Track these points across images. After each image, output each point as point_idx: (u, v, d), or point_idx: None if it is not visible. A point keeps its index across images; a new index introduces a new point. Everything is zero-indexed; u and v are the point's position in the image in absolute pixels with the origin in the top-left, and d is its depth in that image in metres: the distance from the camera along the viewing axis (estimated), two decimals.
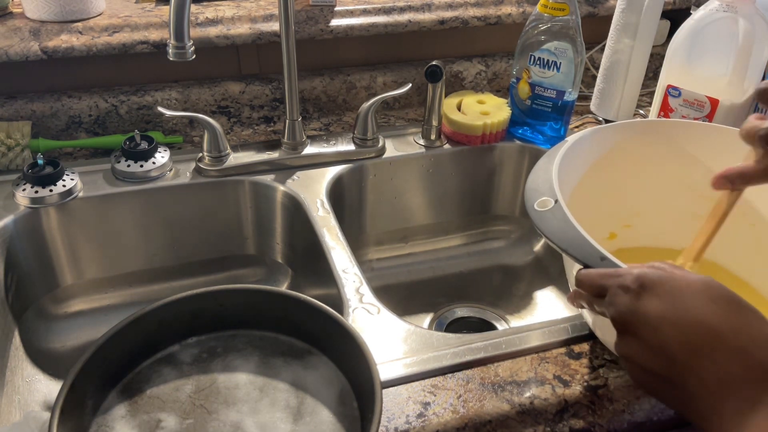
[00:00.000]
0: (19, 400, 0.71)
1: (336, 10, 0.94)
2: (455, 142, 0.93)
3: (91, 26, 0.85)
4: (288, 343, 0.59)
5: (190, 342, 0.59)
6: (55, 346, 0.80)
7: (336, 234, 0.75)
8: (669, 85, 0.81)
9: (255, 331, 0.60)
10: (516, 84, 0.93)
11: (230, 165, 0.84)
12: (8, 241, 0.75)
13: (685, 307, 0.40)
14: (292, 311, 0.58)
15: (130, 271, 0.86)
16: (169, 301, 0.56)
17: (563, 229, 0.53)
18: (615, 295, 0.44)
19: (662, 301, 0.41)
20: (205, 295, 0.58)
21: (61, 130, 0.88)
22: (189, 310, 0.58)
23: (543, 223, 0.54)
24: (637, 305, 0.42)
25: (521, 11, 1.02)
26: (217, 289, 0.59)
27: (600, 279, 0.46)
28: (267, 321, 0.59)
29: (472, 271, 0.98)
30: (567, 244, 0.51)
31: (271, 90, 0.95)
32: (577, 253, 0.51)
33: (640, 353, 0.42)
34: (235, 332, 0.60)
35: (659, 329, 0.40)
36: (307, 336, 0.59)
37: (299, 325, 0.58)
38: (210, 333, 0.60)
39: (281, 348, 0.59)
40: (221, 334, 0.60)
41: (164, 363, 0.57)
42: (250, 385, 0.55)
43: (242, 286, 0.60)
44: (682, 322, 0.40)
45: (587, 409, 0.56)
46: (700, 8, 0.79)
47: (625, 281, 0.43)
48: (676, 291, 0.41)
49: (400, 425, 0.54)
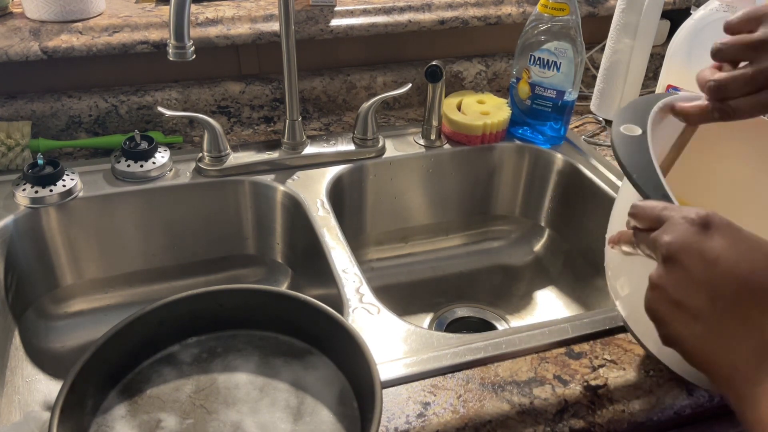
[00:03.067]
0: (19, 400, 0.71)
1: (336, 10, 0.94)
2: (455, 142, 0.93)
3: (91, 26, 0.85)
4: (288, 343, 0.59)
5: (190, 342, 0.59)
6: (55, 346, 0.80)
7: (336, 234, 0.75)
8: (669, 85, 0.81)
9: (255, 331, 0.60)
10: (516, 84, 0.93)
11: (230, 165, 0.84)
12: (8, 241, 0.75)
13: (752, 258, 0.39)
14: (292, 311, 0.58)
15: (130, 271, 0.86)
16: (169, 301, 0.56)
17: (639, 159, 0.51)
18: (675, 224, 0.42)
19: (728, 243, 0.40)
20: (205, 295, 0.58)
21: (61, 130, 0.88)
22: (189, 310, 0.58)
23: (622, 148, 0.53)
24: (700, 238, 0.40)
25: (521, 11, 1.02)
26: (216, 289, 0.59)
27: (662, 209, 0.44)
28: (267, 321, 0.59)
29: (472, 271, 0.98)
30: (638, 173, 0.50)
31: (271, 90, 0.96)
32: (644, 184, 0.49)
33: (679, 283, 0.41)
34: (235, 332, 0.60)
35: (715, 266, 0.39)
36: (307, 336, 0.59)
37: (299, 325, 0.58)
38: (210, 333, 0.60)
39: (281, 348, 0.59)
40: (221, 334, 0.60)
41: (164, 363, 0.57)
42: (250, 385, 0.55)
43: (242, 286, 0.60)
44: (742, 267, 0.39)
45: (587, 409, 0.56)
46: (700, 8, 0.79)
47: (690, 214, 0.41)
48: (744, 239, 0.40)
49: (400, 425, 0.54)
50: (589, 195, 0.88)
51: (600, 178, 0.87)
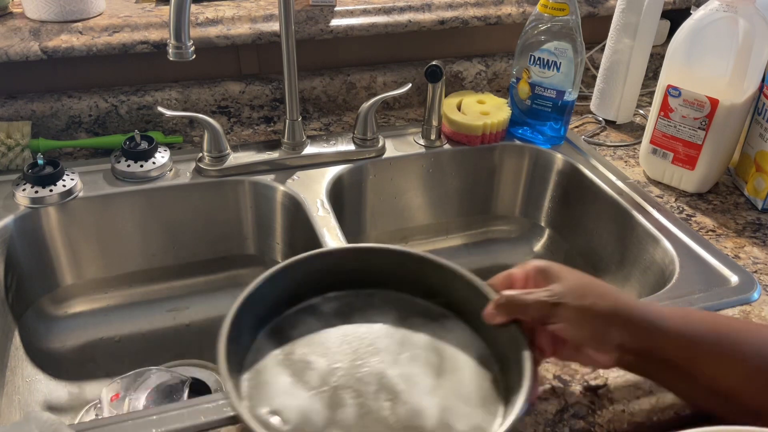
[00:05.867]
0: (19, 400, 0.72)
1: (336, 10, 0.94)
2: (455, 142, 0.93)
3: (91, 26, 0.85)
4: (424, 305, 0.60)
5: (330, 296, 0.60)
6: (55, 346, 0.80)
7: (336, 234, 0.75)
8: (669, 85, 0.81)
9: (392, 291, 0.61)
10: (516, 84, 0.93)
11: (230, 165, 0.84)
12: (8, 241, 0.75)
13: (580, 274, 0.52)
14: (430, 275, 0.59)
15: (129, 271, 0.86)
16: (314, 253, 0.58)
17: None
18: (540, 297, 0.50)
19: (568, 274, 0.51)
20: (348, 251, 0.61)
21: (61, 130, 0.88)
22: (332, 264, 0.59)
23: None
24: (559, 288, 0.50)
25: (521, 11, 1.02)
26: (359, 247, 0.61)
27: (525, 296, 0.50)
28: (404, 283, 0.60)
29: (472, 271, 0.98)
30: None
31: (271, 90, 0.95)
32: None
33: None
34: (372, 291, 0.61)
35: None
36: (443, 300, 0.59)
37: (436, 289, 0.59)
38: (349, 290, 0.61)
39: (417, 309, 0.59)
40: (360, 292, 0.61)
41: (307, 313, 0.58)
42: (389, 339, 0.56)
43: (383, 246, 0.61)
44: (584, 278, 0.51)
45: (587, 409, 0.56)
46: (700, 8, 0.79)
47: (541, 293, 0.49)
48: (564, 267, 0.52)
49: None
50: (589, 195, 0.88)
51: (600, 178, 0.87)
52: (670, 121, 0.83)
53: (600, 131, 1.00)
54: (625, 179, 0.87)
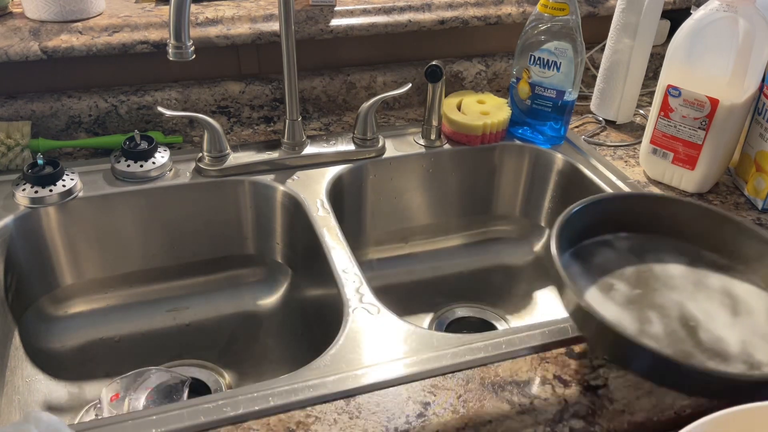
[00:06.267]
0: (19, 400, 0.72)
1: (336, 10, 0.94)
2: (455, 142, 0.93)
3: (91, 26, 0.85)
4: (711, 257, 0.64)
5: (622, 236, 0.65)
6: (55, 346, 0.80)
7: (336, 234, 0.75)
8: (669, 85, 0.81)
9: (680, 242, 0.65)
10: (516, 84, 0.93)
11: (230, 165, 0.84)
12: (8, 241, 0.75)
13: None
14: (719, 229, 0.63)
15: (129, 271, 0.86)
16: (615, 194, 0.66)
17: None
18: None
19: None
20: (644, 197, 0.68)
21: (61, 130, 0.88)
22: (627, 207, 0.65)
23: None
24: None
25: (521, 11, 1.02)
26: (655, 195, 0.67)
27: None
28: (691, 235, 0.64)
29: (472, 271, 0.98)
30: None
31: (271, 90, 0.96)
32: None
33: None
34: (661, 238, 0.65)
35: None
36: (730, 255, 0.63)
37: (725, 244, 0.63)
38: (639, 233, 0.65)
39: (705, 260, 0.63)
40: (650, 236, 0.65)
41: (602, 246, 0.64)
42: (683, 279, 0.61)
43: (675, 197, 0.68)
44: None
45: (587, 409, 0.56)
46: (700, 8, 0.79)
47: None
48: None
49: (400, 425, 0.54)
50: (589, 195, 0.88)
51: (600, 178, 0.87)
52: (670, 121, 0.83)
53: (600, 131, 1.00)
54: (625, 179, 0.87)
